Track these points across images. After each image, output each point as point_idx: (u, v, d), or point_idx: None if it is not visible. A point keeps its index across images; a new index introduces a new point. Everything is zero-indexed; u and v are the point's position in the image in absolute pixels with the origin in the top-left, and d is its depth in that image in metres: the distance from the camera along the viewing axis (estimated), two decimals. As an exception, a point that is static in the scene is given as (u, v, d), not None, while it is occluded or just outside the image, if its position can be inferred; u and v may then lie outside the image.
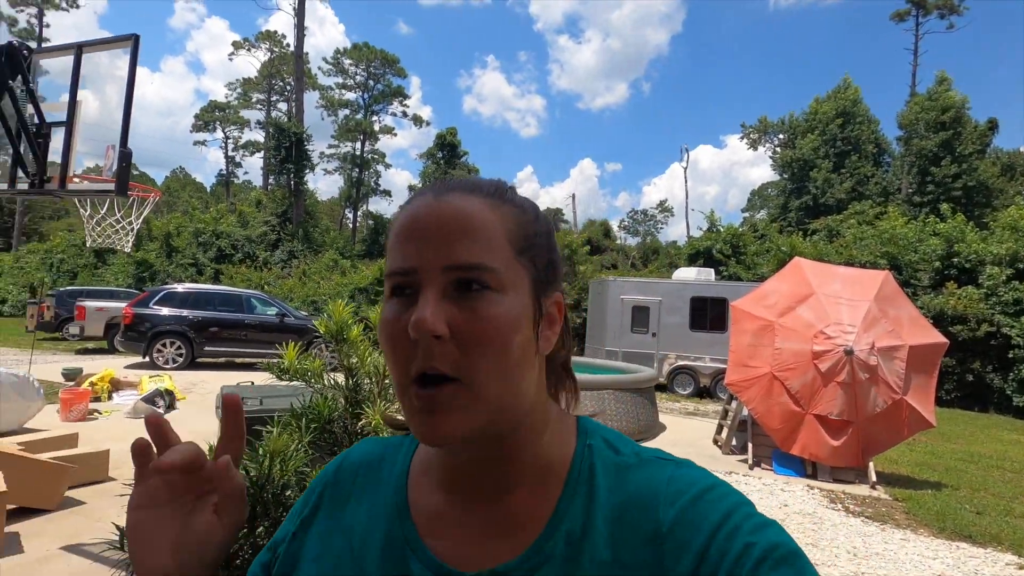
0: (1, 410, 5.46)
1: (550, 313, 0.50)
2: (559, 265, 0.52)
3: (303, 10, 27.75)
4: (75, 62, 2.91)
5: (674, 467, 0.48)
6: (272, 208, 25.14)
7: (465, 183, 0.49)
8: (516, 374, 0.45)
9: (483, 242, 0.45)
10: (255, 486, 1.06)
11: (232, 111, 44.14)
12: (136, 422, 6.49)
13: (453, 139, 37.78)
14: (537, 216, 0.51)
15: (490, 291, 0.44)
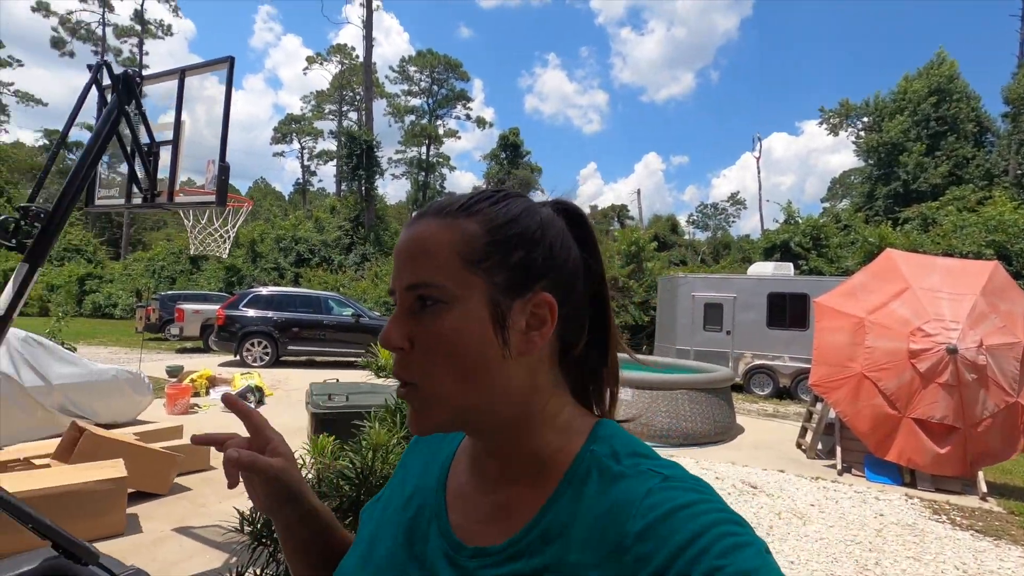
0: (118, 404, 6.06)
1: (535, 314, 0.51)
2: (539, 265, 0.52)
3: (371, 22, 28.83)
4: (179, 85, 3.17)
5: (660, 480, 0.47)
6: (345, 213, 26.30)
7: (437, 206, 0.53)
8: (476, 376, 0.49)
9: (429, 260, 0.50)
10: (359, 476, 1.12)
11: (307, 123, 46.52)
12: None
13: (516, 139, 37.99)
14: (512, 218, 0.52)
15: (440, 304, 0.49)
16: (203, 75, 3.34)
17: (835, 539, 3.99)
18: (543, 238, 0.52)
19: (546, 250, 0.52)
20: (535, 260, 0.51)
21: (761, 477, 5.42)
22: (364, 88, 30.46)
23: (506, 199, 0.54)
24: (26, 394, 5.11)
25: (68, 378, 5.52)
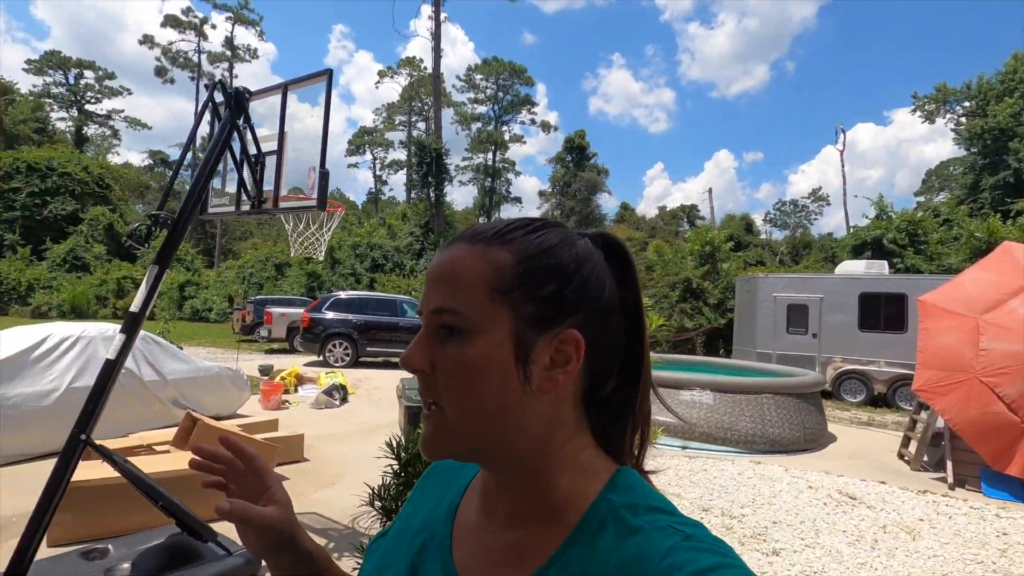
0: (221, 398, 6.56)
1: (560, 350, 0.49)
2: (570, 300, 0.50)
3: (439, 34, 29.67)
4: (282, 99, 3.39)
5: (680, 539, 0.44)
6: (416, 220, 27.15)
7: (472, 231, 0.53)
8: (494, 409, 0.48)
9: (454, 286, 0.49)
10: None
11: (378, 134, 48.47)
12: (319, 412, 7.39)
13: (582, 141, 37.75)
14: (546, 249, 0.50)
15: (463, 332, 0.48)
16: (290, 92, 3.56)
17: (952, 557, 3.66)
18: (577, 271, 0.50)
19: (579, 285, 0.50)
20: (566, 295, 0.50)
21: (860, 488, 5.06)
22: (433, 98, 31.36)
23: (543, 229, 0.52)
24: (145, 388, 5.63)
25: (179, 374, 6.04)
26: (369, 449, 5.69)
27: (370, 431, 6.54)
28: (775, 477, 5.27)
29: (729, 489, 4.86)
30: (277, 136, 3.41)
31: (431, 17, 30.00)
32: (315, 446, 5.55)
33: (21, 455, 4.72)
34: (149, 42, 40.96)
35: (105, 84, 42.73)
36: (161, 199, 3.12)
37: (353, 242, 25.16)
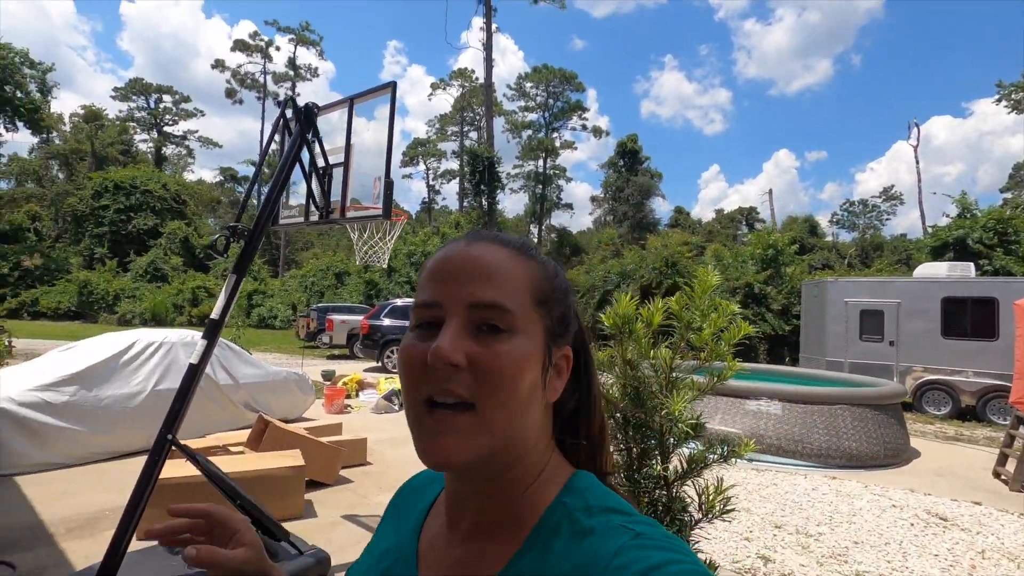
0: (288, 402, 6.83)
1: (558, 364, 0.53)
2: (572, 322, 0.55)
3: (491, 44, 30.10)
4: (348, 113, 3.51)
5: (629, 538, 0.44)
6: (468, 228, 27.51)
7: (495, 236, 0.54)
8: (523, 411, 0.48)
9: (505, 286, 0.49)
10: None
11: (431, 145, 49.55)
12: (379, 416, 7.57)
13: (634, 145, 37.28)
14: (556, 274, 0.55)
15: (506, 332, 0.48)
16: (343, 110, 3.67)
17: (1065, 589, 3.31)
18: (571, 299, 0.56)
19: (572, 308, 0.56)
20: (568, 315, 0.55)
21: (951, 509, 4.67)
22: (485, 107, 31.81)
23: (541, 253, 0.56)
24: (220, 391, 5.94)
25: (251, 378, 6.33)
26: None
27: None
28: (854, 494, 4.95)
29: (803, 505, 4.60)
30: (344, 148, 3.53)
31: (482, 28, 30.52)
32: (377, 450, 5.67)
33: (109, 453, 5.07)
34: (220, 66, 43.65)
35: (181, 107, 45.83)
36: (238, 212, 3.28)
37: (408, 250, 25.76)
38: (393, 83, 3.24)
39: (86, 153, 38.69)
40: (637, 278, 16.39)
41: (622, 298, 1.34)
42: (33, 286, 25.56)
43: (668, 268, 16.02)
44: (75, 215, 30.81)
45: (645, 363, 1.43)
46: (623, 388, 1.38)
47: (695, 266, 16.59)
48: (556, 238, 36.14)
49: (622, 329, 1.32)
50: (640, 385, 1.35)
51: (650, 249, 17.30)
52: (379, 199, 3.18)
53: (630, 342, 1.35)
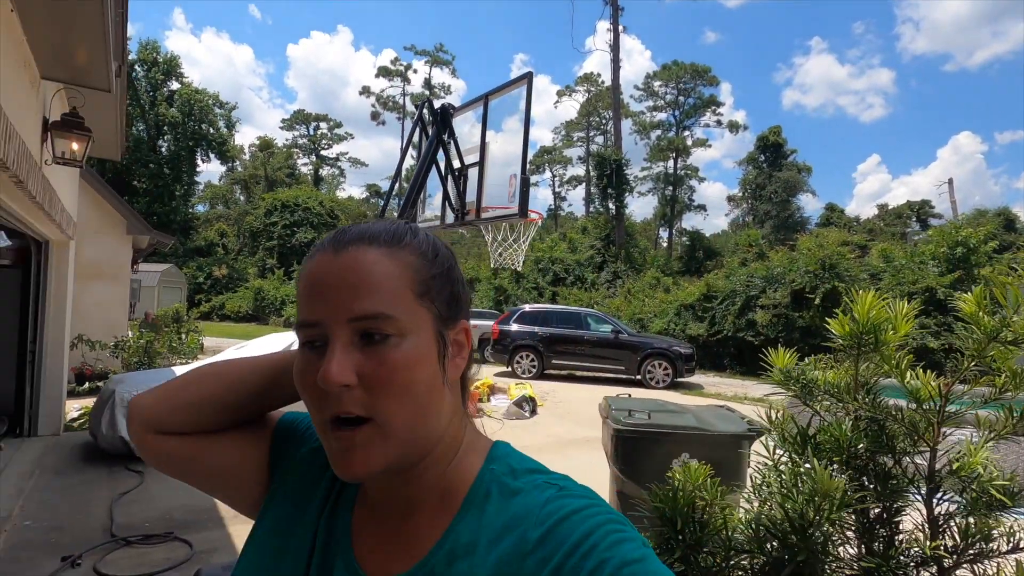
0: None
1: (457, 341, 0.54)
2: (463, 296, 0.55)
3: (618, 45, 29.47)
4: (483, 110, 3.41)
5: (555, 491, 0.50)
6: (595, 233, 27.05)
7: (362, 233, 0.52)
8: (424, 409, 0.50)
9: (383, 292, 0.48)
10: (797, 526, 0.80)
11: (557, 152, 49.82)
12: (510, 422, 7.52)
13: (777, 139, 34.21)
14: (437, 254, 0.54)
15: (393, 337, 0.48)
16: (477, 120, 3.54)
17: None
18: (457, 271, 0.56)
19: (461, 280, 0.56)
20: (459, 291, 0.55)
21: None
22: (612, 109, 31.18)
23: (415, 232, 0.55)
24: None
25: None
26: (563, 464, 5.53)
27: (561, 446, 6.40)
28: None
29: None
30: (478, 148, 3.44)
31: (609, 30, 29.99)
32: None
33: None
34: (366, 92, 48.00)
35: (334, 132, 51.08)
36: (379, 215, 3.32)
37: (535, 256, 25.98)
38: (529, 73, 3.07)
39: (261, 177, 44.65)
40: (787, 282, 14.77)
41: (863, 297, 0.97)
42: (221, 292, 29.90)
43: (824, 271, 14.21)
44: (252, 231, 35.53)
45: (883, 381, 1.04)
46: (857, 422, 1.01)
47: (858, 268, 14.55)
48: (688, 241, 34.11)
49: (861, 340, 0.95)
50: (886, 419, 0.97)
51: (801, 250, 15.46)
52: (515, 198, 3.03)
53: (872, 358, 0.98)
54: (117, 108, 4.61)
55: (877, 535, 0.97)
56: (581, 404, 9.01)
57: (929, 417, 0.91)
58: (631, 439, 2.60)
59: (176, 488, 4.43)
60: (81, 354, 8.14)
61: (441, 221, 3.67)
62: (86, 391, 7.97)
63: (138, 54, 33.13)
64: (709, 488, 1.06)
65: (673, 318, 16.89)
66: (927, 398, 0.92)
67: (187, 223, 35.32)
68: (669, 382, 11.55)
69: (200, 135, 35.37)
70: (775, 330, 14.28)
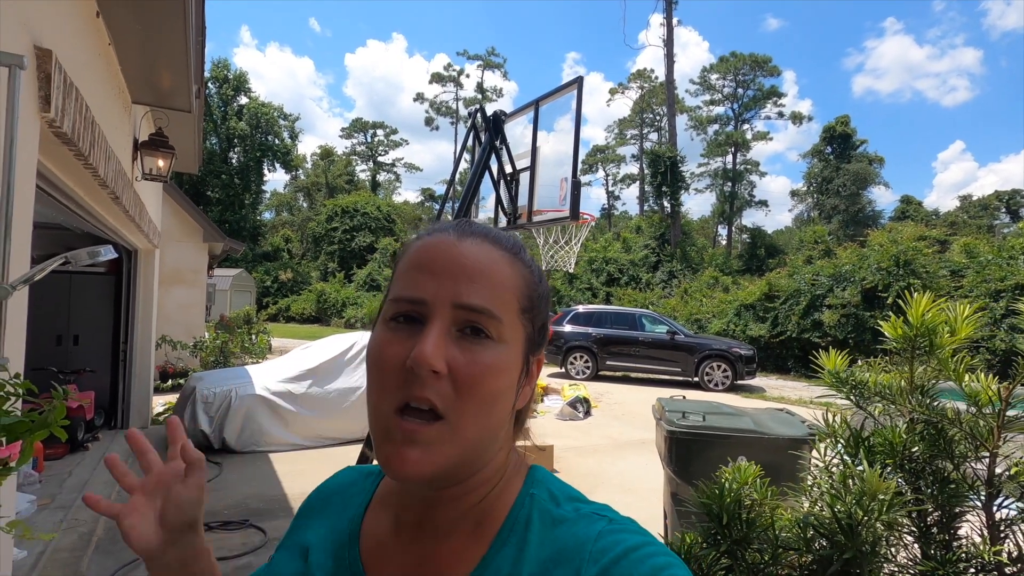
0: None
1: (531, 371, 0.52)
2: (548, 329, 0.54)
3: (671, 39, 28.82)
4: (534, 115, 3.47)
5: (606, 523, 0.47)
6: (650, 232, 26.56)
7: (487, 231, 0.51)
8: (494, 422, 0.48)
9: (495, 291, 0.47)
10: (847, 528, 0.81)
11: (610, 151, 49.21)
12: (564, 423, 7.53)
13: (845, 128, 32.46)
14: (541, 279, 0.53)
15: (490, 340, 0.46)
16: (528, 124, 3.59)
17: None
18: (549, 303, 0.54)
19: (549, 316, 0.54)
20: (548, 322, 0.54)
21: None
22: (667, 104, 30.52)
23: (529, 254, 0.54)
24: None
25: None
26: (618, 466, 5.54)
27: (616, 447, 6.37)
28: None
29: None
30: (529, 152, 3.50)
31: (662, 24, 29.37)
32: (564, 457, 5.60)
33: (333, 439, 5.82)
34: (420, 98, 49.12)
35: (391, 138, 52.57)
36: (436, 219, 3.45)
37: (589, 257, 25.79)
38: (579, 78, 3.11)
39: (322, 185, 46.59)
40: (856, 280, 13.98)
41: (918, 299, 0.96)
42: (286, 295, 31.41)
43: (899, 268, 13.36)
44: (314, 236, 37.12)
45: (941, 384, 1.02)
46: (912, 425, 1.00)
47: (937, 265, 13.60)
48: (748, 239, 32.85)
49: (915, 342, 0.94)
50: (943, 423, 0.95)
51: (872, 246, 14.58)
52: (566, 200, 3.07)
53: (927, 360, 0.96)
54: (195, 126, 4.99)
55: (935, 539, 0.96)
56: (636, 406, 8.91)
57: (989, 421, 0.89)
58: (685, 441, 2.57)
59: (251, 479, 4.74)
60: (164, 353, 8.81)
61: (493, 224, 3.76)
62: (169, 388, 8.62)
63: (211, 73, 35.36)
64: (759, 488, 1.08)
65: (733, 319, 16.35)
66: (987, 402, 0.90)
67: (255, 230, 37.36)
68: (728, 385, 11.21)
69: (267, 146, 37.36)
70: (844, 331, 13.56)
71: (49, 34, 1.89)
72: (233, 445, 5.42)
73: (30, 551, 3.29)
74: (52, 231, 5.37)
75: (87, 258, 1.55)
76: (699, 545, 0.94)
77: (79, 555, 3.34)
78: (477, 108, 3.52)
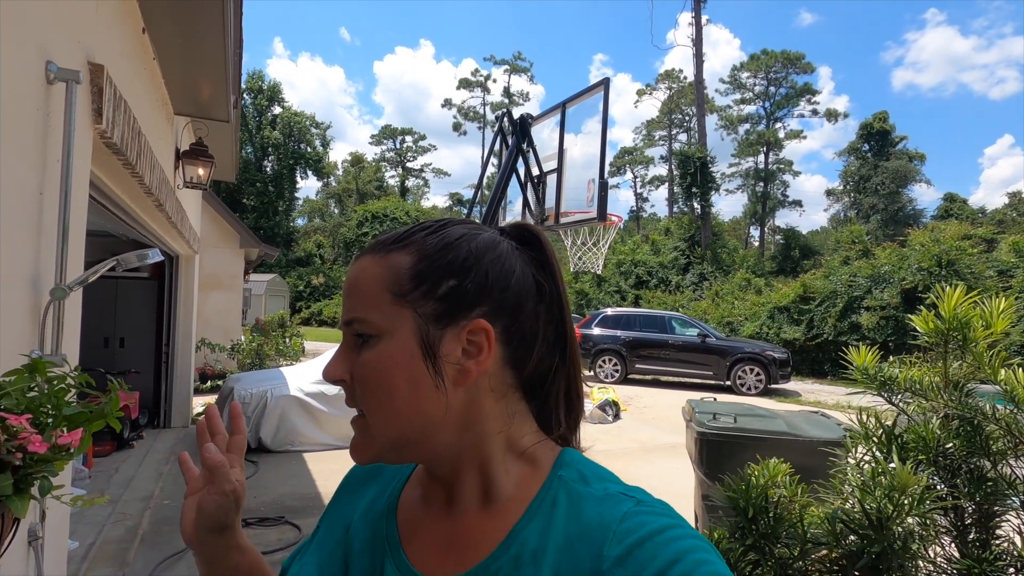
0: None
1: (472, 341, 0.50)
2: (472, 292, 0.51)
3: (700, 39, 28.44)
4: (560, 117, 3.49)
5: (633, 504, 0.48)
6: (680, 234, 26.19)
7: (375, 241, 0.55)
8: (410, 407, 0.49)
9: (362, 296, 0.51)
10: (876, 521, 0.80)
11: (638, 153, 48.78)
12: (592, 426, 7.49)
13: (883, 125, 31.46)
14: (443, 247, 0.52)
15: (372, 338, 0.50)
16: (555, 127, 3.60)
17: None
18: (477, 264, 0.51)
19: (481, 276, 0.51)
20: (467, 287, 0.51)
21: None
22: (696, 104, 30.11)
23: (443, 227, 0.54)
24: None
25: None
26: (648, 470, 5.48)
27: (645, 451, 6.31)
28: None
29: None
30: (556, 155, 3.52)
31: (691, 24, 29.01)
32: (594, 459, 5.57)
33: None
34: (448, 104, 49.61)
35: (419, 144, 53.22)
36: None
37: (617, 259, 25.59)
38: (606, 80, 3.11)
39: (353, 191, 47.46)
40: (896, 282, 13.52)
41: (949, 292, 0.94)
42: (319, 299, 32.08)
43: (941, 268, 12.86)
44: (345, 241, 37.81)
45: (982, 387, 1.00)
46: (946, 421, 0.98)
47: (983, 265, 13.04)
48: (782, 240, 32.07)
49: (948, 337, 0.93)
50: (979, 419, 0.93)
51: (913, 246, 14.07)
52: (593, 202, 3.08)
53: (961, 355, 0.94)
54: (233, 135, 5.17)
55: (972, 538, 0.94)
56: (666, 409, 8.80)
57: None
58: (716, 443, 2.54)
59: (287, 478, 4.87)
60: (203, 356, 9.11)
61: (521, 227, 3.79)
62: (207, 389, 8.90)
63: (246, 83, 36.51)
64: (788, 486, 1.07)
65: (766, 321, 15.99)
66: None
67: (289, 236, 38.31)
68: (762, 389, 10.97)
69: (299, 154, 38.31)
70: (883, 333, 13.12)
71: (100, 50, 2.00)
72: (269, 444, 5.57)
73: (81, 543, 3.46)
74: (99, 238, 5.64)
75: (136, 261, 1.63)
76: (726, 540, 0.94)
77: (126, 547, 3.48)
78: (504, 112, 3.56)
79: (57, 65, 1.55)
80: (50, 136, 1.58)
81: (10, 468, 0.78)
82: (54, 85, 1.57)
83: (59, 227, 1.62)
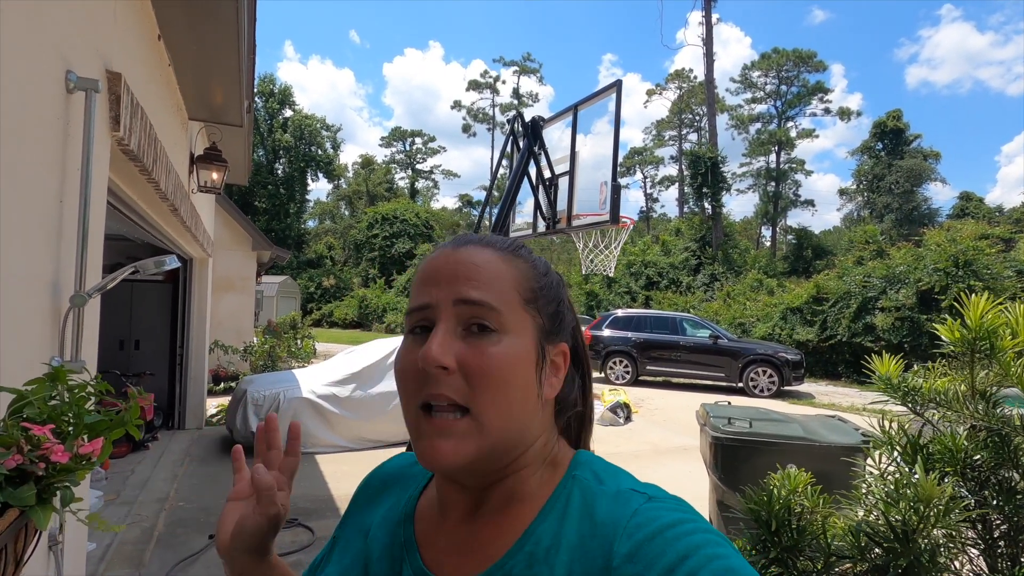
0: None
1: (554, 361, 0.54)
2: (566, 318, 0.57)
3: (711, 38, 28.28)
4: (573, 119, 3.48)
5: (644, 500, 0.48)
6: (690, 235, 26.04)
7: (481, 238, 0.56)
8: (518, 411, 0.50)
9: (491, 285, 0.51)
10: (900, 534, 0.78)
11: (648, 153, 48.57)
12: (603, 428, 7.46)
13: (897, 123, 31.07)
14: (547, 272, 0.57)
15: (495, 333, 0.49)
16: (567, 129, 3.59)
17: None
18: (564, 295, 0.58)
19: (567, 306, 0.58)
20: (563, 313, 0.56)
21: None
22: (707, 104, 29.94)
23: (531, 252, 0.57)
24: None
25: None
26: (660, 473, 5.44)
27: (657, 454, 6.27)
28: None
29: None
30: (568, 158, 3.51)
31: (701, 23, 28.86)
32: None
33: (375, 442, 5.93)
34: (457, 106, 49.74)
35: (429, 146, 53.40)
36: (474, 230, 3.50)
37: (627, 261, 25.50)
38: (618, 82, 3.10)
39: (363, 193, 47.72)
40: (911, 282, 13.33)
41: (975, 300, 0.92)
42: (329, 301, 32.28)
43: (958, 268, 12.67)
44: (355, 243, 38.03)
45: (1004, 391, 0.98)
46: (973, 432, 0.96)
47: (1001, 265, 12.82)
48: (794, 240, 31.75)
49: (975, 345, 0.91)
50: (1008, 430, 0.91)
51: (928, 246, 13.86)
52: (605, 205, 3.06)
53: (988, 364, 0.92)
54: (245, 139, 5.22)
55: (1002, 552, 0.92)
56: (677, 411, 8.74)
57: (1058, 429, 0.85)
58: (731, 448, 2.51)
59: (299, 480, 4.89)
60: (216, 358, 9.19)
61: (533, 229, 3.78)
62: (221, 390, 8.98)
63: (258, 87, 36.84)
64: (809, 495, 1.06)
65: (778, 322, 15.84)
66: (1058, 408, 0.86)
67: (300, 238, 38.59)
68: (775, 390, 10.86)
69: (310, 157, 38.62)
70: (899, 335, 12.95)
71: (118, 58, 2.02)
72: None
73: (99, 544, 3.50)
74: (115, 241, 5.71)
75: (154, 267, 1.65)
76: (747, 552, 0.93)
77: (142, 548, 3.52)
78: (516, 114, 3.55)
79: (77, 74, 1.57)
80: (70, 144, 1.60)
81: (33, 478, 0.79)
82: (74, 94, 1.59)
83: (79, 234, 1.64)
